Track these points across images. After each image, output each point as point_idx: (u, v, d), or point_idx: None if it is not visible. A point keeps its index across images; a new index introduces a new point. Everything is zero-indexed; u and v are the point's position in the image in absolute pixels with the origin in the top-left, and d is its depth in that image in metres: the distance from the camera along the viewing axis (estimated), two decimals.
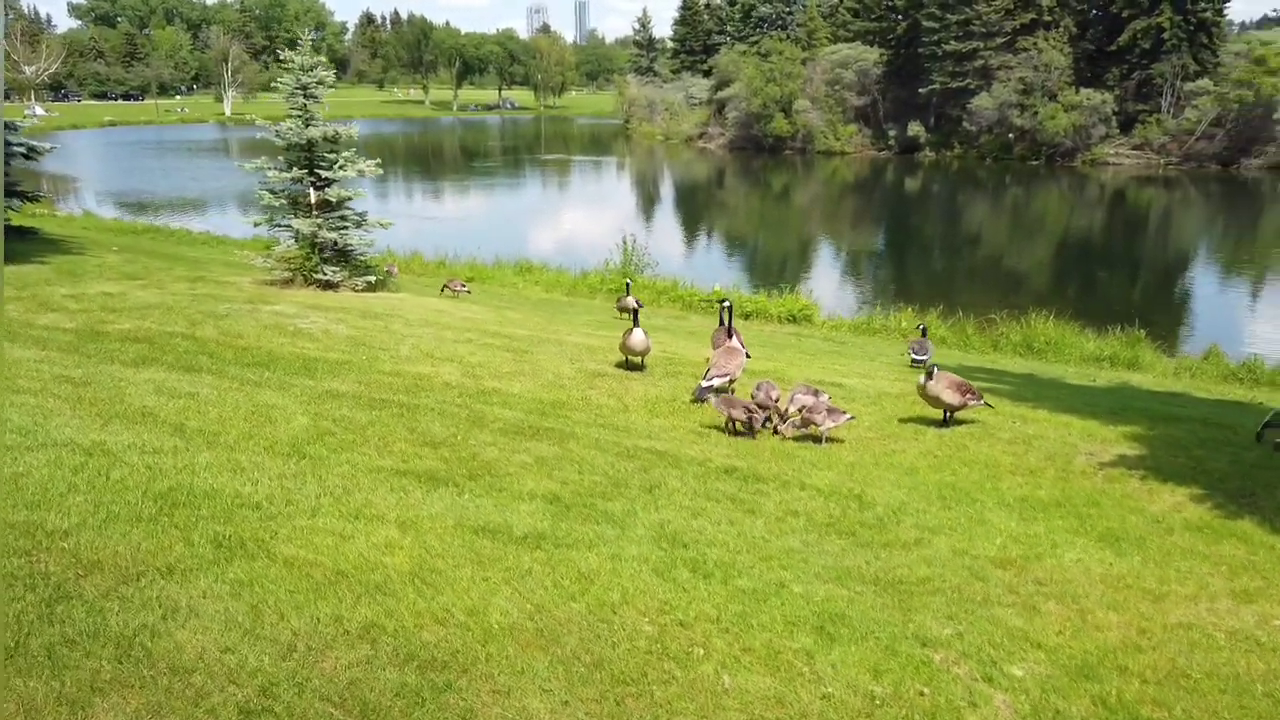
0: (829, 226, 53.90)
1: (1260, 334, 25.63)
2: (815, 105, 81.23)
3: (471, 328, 14.29)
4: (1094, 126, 67.22)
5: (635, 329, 11.25)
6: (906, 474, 7.85)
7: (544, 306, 21.62)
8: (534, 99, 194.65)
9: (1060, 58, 68.84)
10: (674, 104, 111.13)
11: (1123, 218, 57.40)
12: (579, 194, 68.80)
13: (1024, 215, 57.79)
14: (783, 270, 36.98)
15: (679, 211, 59.46)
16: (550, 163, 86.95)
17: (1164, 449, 8.96)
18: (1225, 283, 36.96)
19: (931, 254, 43.39)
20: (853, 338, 20.19)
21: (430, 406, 8.72)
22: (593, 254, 34.62)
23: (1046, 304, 27.29)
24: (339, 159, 18.47)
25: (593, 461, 7.08)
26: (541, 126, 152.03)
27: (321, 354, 11.38)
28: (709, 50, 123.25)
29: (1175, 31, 66.23)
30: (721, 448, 8.14)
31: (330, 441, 7.09)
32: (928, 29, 75.19)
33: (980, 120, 71.31)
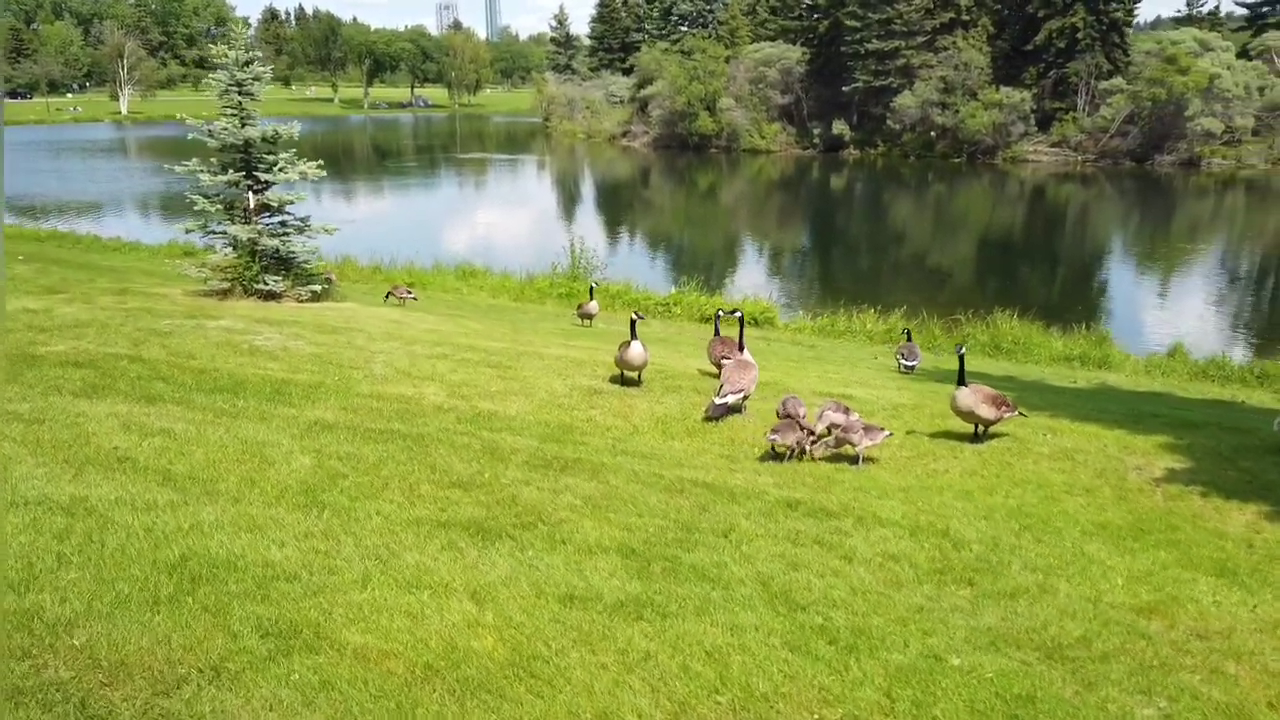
0: (758, 225, 53.91)
1: (1180, 325, 26.17)
2: (739, 104, 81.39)
3: (440, 341, 13.41)
4: (1013, 124, 68.81)
5: (633, 342, 10.58)
6: (962, 497, 7.37)
7: (498, 314, 20.74)
8: (448, 97, 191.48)
9: (979, 57, 70.29)
10: (595, 102, 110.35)
11: (1043, 214, 58.81)
12: (503, 193, 67.56)
13: (950, 212, 58.78)
14: (715, 270, 36.65)
15: (607, 211, 58.80)
16: (468, 162, 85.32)
17: (1207, 460, 8.68)
18: (1142, 276, 37.97)
19: (861, 252, 43.65)
20: (820, 341, 19.83)
21: (434, 437, 7.90)
22: (528, 255, 33.78)
23: (975, 299, 27.72)
24: (278, 160, 17.32)
25: (644, 500, 6.39)
26: (457, 124, 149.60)
27: (289, 375, 10.42)
28: (627, 48, 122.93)
29: (1089, 31, 68.22)
30: (763, 475, 7.54)
31: (346, 486, 6.25)
32: (849, 28, 76.02)
33: (903, 118, 72.38)
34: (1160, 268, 39.19)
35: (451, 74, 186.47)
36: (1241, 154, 63.16)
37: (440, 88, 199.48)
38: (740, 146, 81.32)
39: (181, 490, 5.85)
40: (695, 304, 22.71)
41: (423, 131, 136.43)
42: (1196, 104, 61.66)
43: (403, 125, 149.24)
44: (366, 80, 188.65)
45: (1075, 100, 69.03)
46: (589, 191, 70.67)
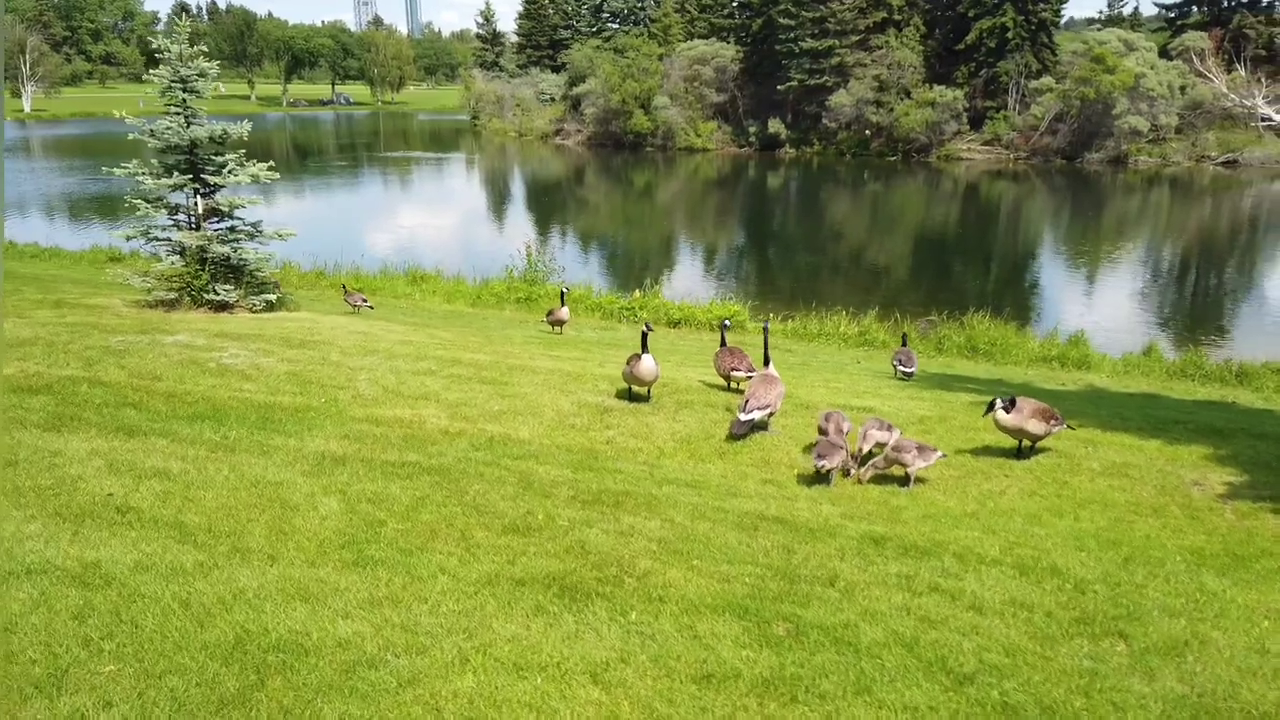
0: (698, 224, 53.59)
1: (1114, 318, 26.60)
2: (675, 102, 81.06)
3: (419, 354, 12.63)
4: (946, 123, 69.80)
5: (644, 355, 9.97)
6: (1033, 522, 6.97)
7: (461, 321, 19.91)
8: (371, 94, 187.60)
9: (912, 56, 71.15)
10: (525, 100, 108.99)
11: (978, 211, 59.71)
12: (435, 193, 66.17)
13: (887, 210, 59.31)
14: (655, 270, 36.21)
15: (544, 211, 57.84)
16: (395, 160, 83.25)
17: (1259, 472, 8.44)
18: (1076, 271, 38.67)
19: (802, 250, 43.47)
20: (795, 345, 19.47)
21: (458, 469, 7.23)
22: (469, 257, 32.94)
23: (915, 296, 27.96)
24: (227, 162, 16.26)
25: (721, 541, 5.81)
26: (380, 123, 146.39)
27: (270, 398, 9.59)
28: (556, 45, 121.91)
29: (1018, 31, 69.56)
30: (824, 504, 7.03)
31: (389, 536, 5.54)
32: (783, 26, 76.24)
33: (839, 117, 72.87)
34: (1093, 263, 39.96)
35: (374, 71, 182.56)
36: (1166, 152, 65.06)
37: (362, 85, 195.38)
38: (676, 145, 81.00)
39: (205, 548, 5.08)
40: (661, 308, 22.17)
41: (345, 130, 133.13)
42: (1123, 103, 63.33)
43: (324, 123, 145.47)
44: (285, 77, 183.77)
45: (1006, 99, 70.33)
46: (524, 191, 69.61)
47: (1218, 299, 32.88)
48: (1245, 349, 20.88)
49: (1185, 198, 61.77)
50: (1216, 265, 40.89)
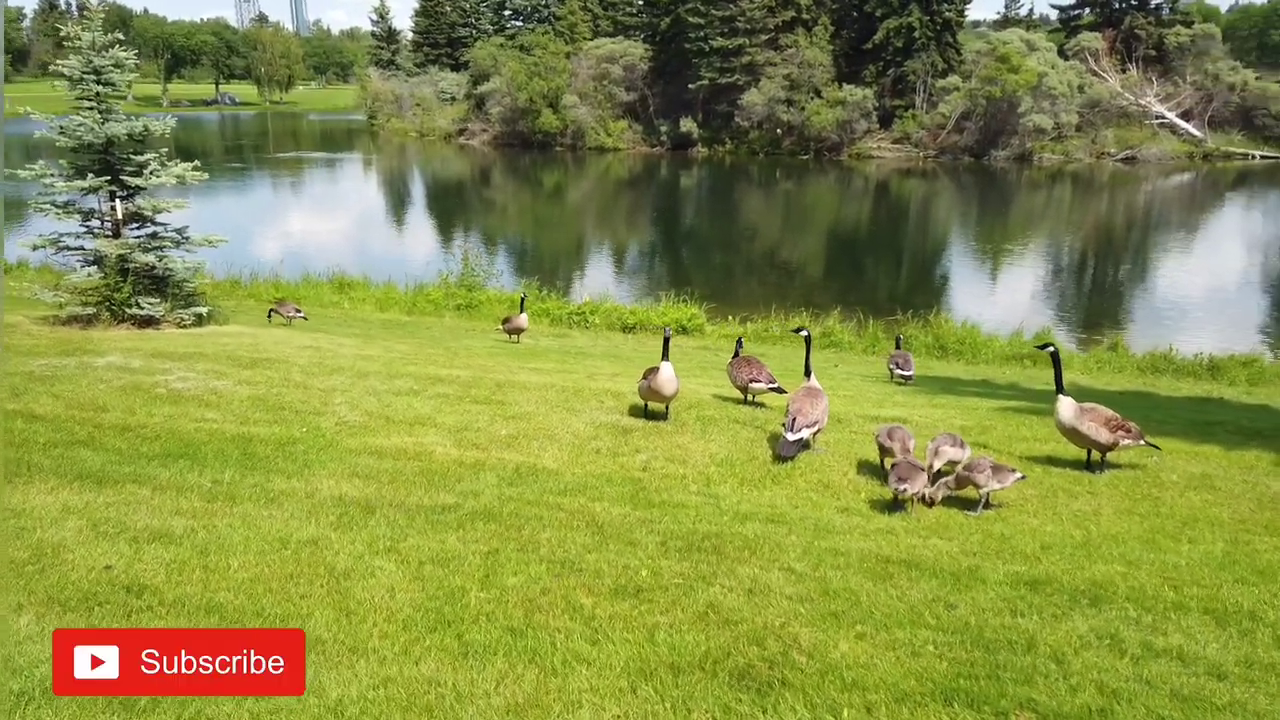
0: (611, 224, 52.89)
1: (1031, 311, 27.02)
2: (584, 101, 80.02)
3: (390, 371, 11.47)
4: (857, 121, 70.66)
5: (664, 365, 9.06)
6: (1151, 548, 6.37)
7: (404, 330, 18.66)
8: (258, 94, 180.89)
9: (821, 55, 71.81)
10: (426, 99, 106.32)
11: (890, 209, 60.61)
12: (334, 195, 63.68)
13: (801, 209, 59.62)
14: (567, 271, 35.42)
15: (454, 212, 56.13)
16: (287, 162, 79.99)
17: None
18: (987, 265, 39.42)
19: (719, 250, 43.11)
20: (761, 348, 18.80)
21: (510, 511, 6.26)
22: (387, 262, 31.39)
23: (832, 294, 27.96)
24: (148, 161, 14.72)
25: (867, 597, 5.00)
26: (269, 123, 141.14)
27: (243, 429, 8.39)
28: (455, 43, 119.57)
29: (924, 31, 70.91)
30: (930, 538, 6.31)
31: (482, 609, 4.56)
32: (692, 24, 76.06)
33: (750, 116, 73.01)
34: (1003, 257, 40.79)
35: (261, 70, 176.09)
36: (1068, 149, 67.21)
37: (248, 84, 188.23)
38: (587, 144, 79.97)
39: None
40: (614, 313, 21.28)
41: (231, 131, 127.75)
42: (1027, 101, 65.12)
43: (208, 124, 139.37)
44: (164, 76, 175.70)
45: (914, 98, 71.56)
46: (431, 192, 67.65)
47: (1118, 290, 33.88)
48: (1147, 337, 21.23)
49: (1087, 193, 63.86)
50: (1117, 258, 42.25)
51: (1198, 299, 30.45)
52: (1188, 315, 27.08)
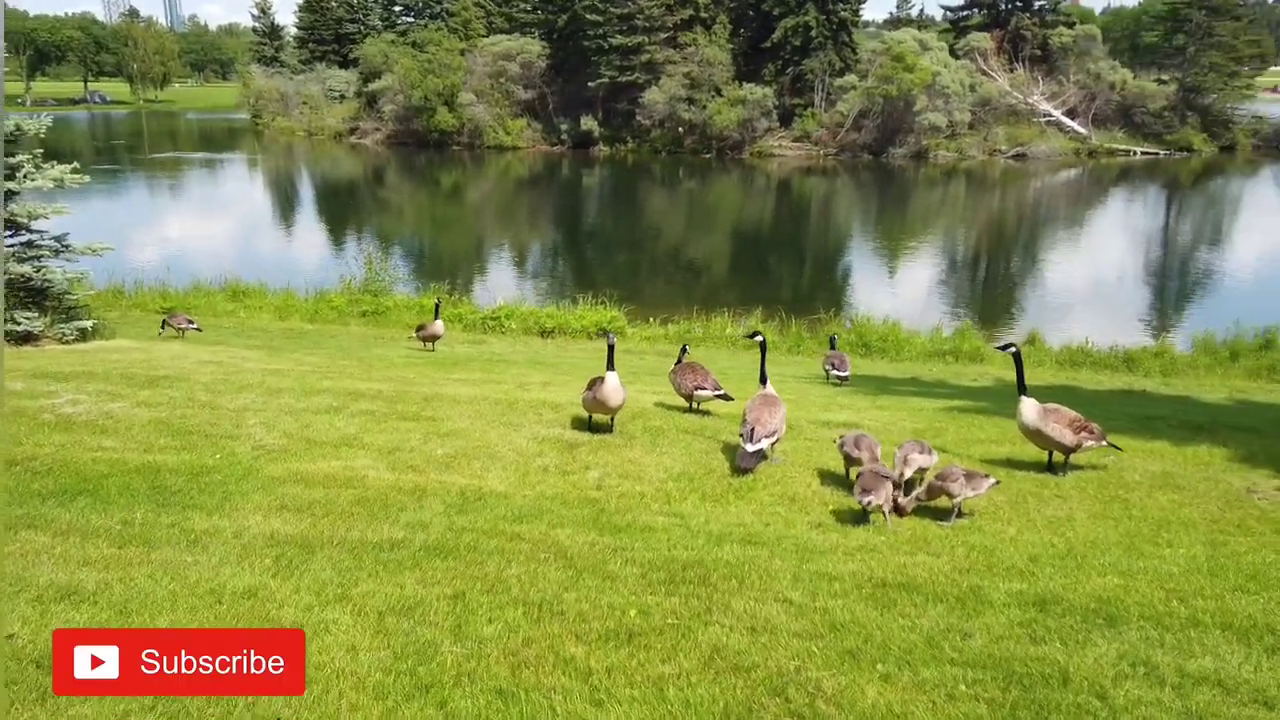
0: (513, 225, 52.08)
1: (924, 304, 27.72)
2: (481, 99, 78.67)
3: (304, 387, 10.72)
4: (757, 120, 71.30)
5: (610, 375, 8.65)
6: (1136, 555, 6.25)
7: (310, 340, 17.74)
8: (131, 92, 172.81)
9: (721, 54, 72.23)
10: (313, 97, 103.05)
11: (792, 206, 61.39)
12: (216, 198, 61.04)
13: (705, 208, 59.83)
14: (468, 273, 34.71)
15: (346, 215, 54.32)
16: (164, 163, 76.39)
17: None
18: (887, 261, 40.24)
19: (625, 250, 42.95)
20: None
21: (466, 545, 5.76)
22: (283, 268, 30.11)
23: (739, 292, 28.20)
24: (22, 164, 13.55)
25: (875, 629, 4.65)
26: (144, 122, 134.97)
27: (146, 457, 7.63)
28: (342, 40, 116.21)
29: (821, 30, 72.02)
30: (916, 554, 6.03)
31: (461, 668, 4.05)
32: (590, 22, 75.60)
33: (652, 114, 72.94)
34: (906, 254, 41.70)
35: (133, 67, 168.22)
36: (962, 146, 69.16)
37: (120, 82, 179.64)
38: (485, 143, 78.63)
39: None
40: (531, 316, 20.69)
41: (102, 131, 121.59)
42: (922, 100, 66.76)
43: (77, 123, 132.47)
44: (28, 73, 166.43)
45: (813, 97, 72.62)
46: (322, 193, 65.44)
47: (1020, 284, 34.99)
48: (1049, 330, 21.83)
49: (980, 190, 65.85)
50: (1016, 252, 43.65)
51: (1085, 291, 31.59)
52: (1086, 307, 27.94)
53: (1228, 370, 17.19)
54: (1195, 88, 72.56)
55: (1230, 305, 26.29)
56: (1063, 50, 76.44)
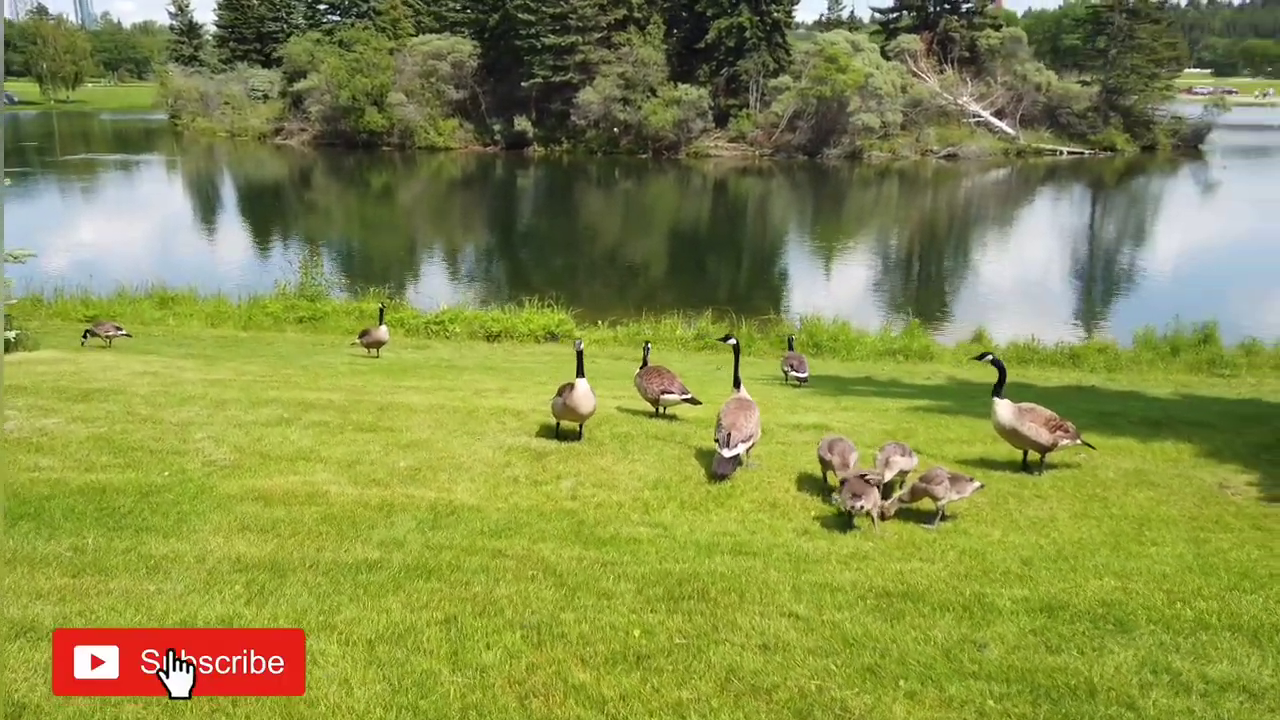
0: (448, 227, 51.43)
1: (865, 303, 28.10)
2: (411, 99, 77.50)
3: (251, 398, 10.31)
4: (693, 121, 71.44)
5: (579, 382, 8.45)
6: (1125, 555, 6.28)
7: (247, 348, 17.16)
8: (40, 92, 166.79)
9: (655, 54, 72.23)
10: (235, 97, 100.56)
11: (728, 207, 61.70)
12: (134, 201, 59.02)
13: (642, 208, 59.82)
14: (411, 278, 34.17)
15: (274, 218, 53.04)
16: (77, 166, 73.66)
17: (1258, 467, 8.26)
18: (822, 261, 40.68)
19: (562, 250, 42.66)
20: (634, 352, 18.34)
21: (448, 564, 5.56)
22: (210, 273, 29.22)
23: (675, 293, 28.34)
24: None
25: (889, 643, 4.53)
26: (55, 123, 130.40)
27: (88, 476, 7.24)
28: (265, 38, 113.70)
29: (755, 31, 72.48)
30: (911, 560, 5.93)
31: (466, 700, 3.82)
32: (522, 21, 75.01)
33: (587, 114, 72.61)
34: (845, 253, 42.21)
35: (43, 66, 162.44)
36: (895, 146, 70.21)
37: (29, 82, 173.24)
38: (416, 144, 77.45)
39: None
40: (475, 320, 20.33)
41: (10, 132, 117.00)
42: (856, 101, 67.59)
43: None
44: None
45: (748, 97, 73.06)
46: (248, 196, 63.74)
47: (949, 281, 35.72)
48: (975, 326, 22.22)
49: (914, 189, 66.96)
50: (950, 251, 44.48)
51: (1020, 288, 32.30)
52: (1021, 304, 28.50)
53: (1169, 365, 17.60)
54: (1117, 89, 74.72)
55: (1157, 301, 27.09)
56: (990, 52, 78.12)
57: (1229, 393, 14.51)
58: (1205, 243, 43.26)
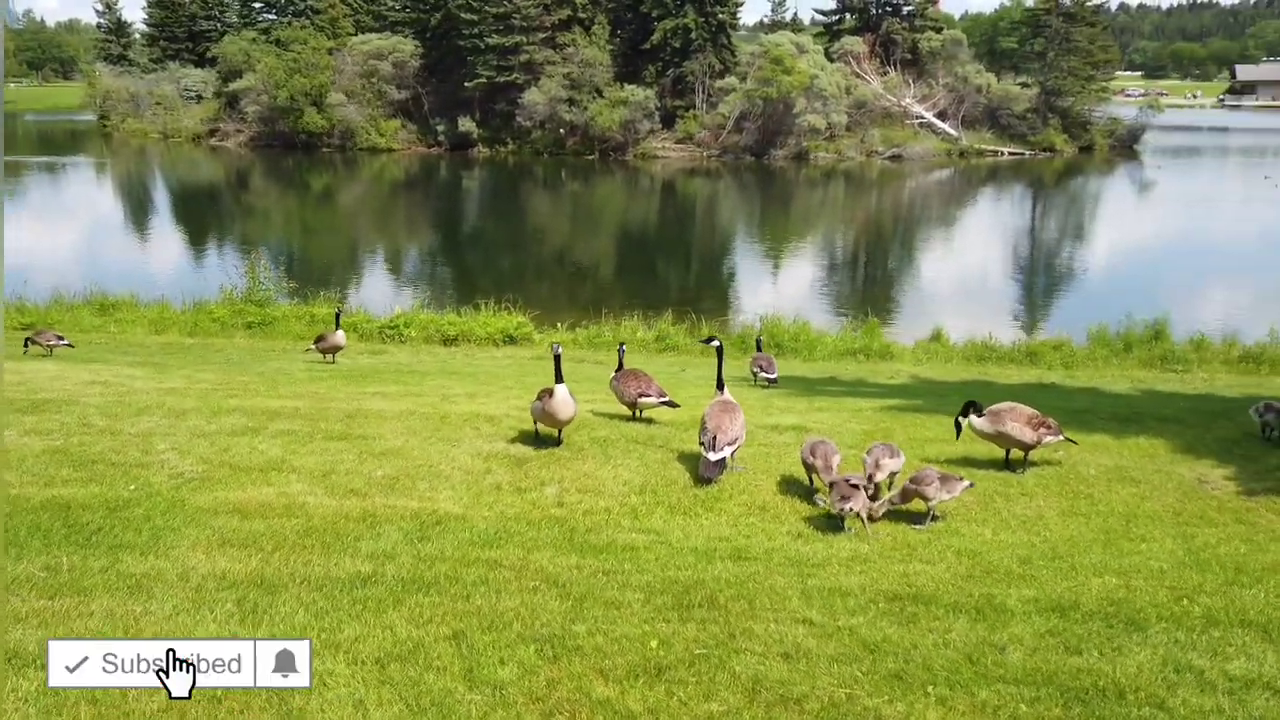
0: (392, 229, 50.69)
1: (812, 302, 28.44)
2: (352, 99, 76.36)
3: (211, 407, 10.01)
4: (640, 122, 71.37)
5: (559, 388, 8.31)
6: (1116, 553, 6.38)
7: (196, 355, 16.71)
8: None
9: (601, 54, 72.07)
10: (168, 97, 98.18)
11: (676, 208, 61.86)
12: (64, 205, 57.30)
13: (590, 209, 59.68)
14: (354, 281, 33.69)
15: (211, 221, 51.85)
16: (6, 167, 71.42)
17: (1234, 462, 8.42)
18: (773, 261, 41.00)
19: (507, 252, 42.30)
20: (601, 356, 18.22)
21: (446, 576, 5.43)
22: (148, 279, 28.48)
23: (627, 294, 28.38)
24: None
25: (911, 649, 4.51)
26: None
27: (51, 491, 6.99)
28: (197, 37, 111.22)
29: (700, 32, 72.69)
30: (911, 563, 5.91)
31: (501, 717, 3.65)
32: (465, 21, 74.32)
33: (532, 115, 72.18)
34: (796, 253, 42.60)
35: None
36: (841, 148, 70.94)
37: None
38: (357, 145, 76.30)
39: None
40: (431, 324, 20.03)
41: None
42: (801, 102, 68.14)
43: None
44: None
45: (694, 98, 73.27)
46: (183, 199, 62.21)
47: (897, 280, 36.27)
48: (922, 323, 22.54)
49: (859, 190, 67.71)
50: (893, 250, 45.09)
51: (967, 287, 32.86)
52: (970, 303, 28.94)
53: (1124, 361, 17.96)
54: (1055, 91, 76.33)
55: (1103, 298, 27.66)
56: (931, 54, 79.29)
57: (1185, 388, 14.84)
58: (1145, 241, 44.36)
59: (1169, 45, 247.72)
